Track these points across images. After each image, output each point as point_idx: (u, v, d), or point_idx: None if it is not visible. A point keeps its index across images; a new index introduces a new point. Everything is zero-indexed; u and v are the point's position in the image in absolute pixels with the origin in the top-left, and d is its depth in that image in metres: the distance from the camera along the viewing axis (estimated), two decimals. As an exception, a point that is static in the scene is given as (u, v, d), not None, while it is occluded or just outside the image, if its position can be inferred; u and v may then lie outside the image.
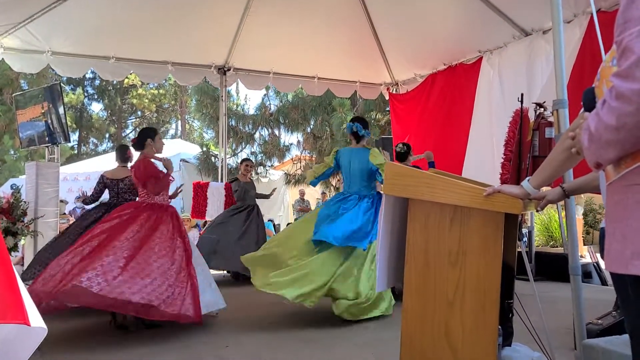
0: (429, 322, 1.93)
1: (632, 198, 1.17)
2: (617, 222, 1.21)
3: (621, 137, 1.12)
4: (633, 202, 1.16)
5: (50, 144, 6.61)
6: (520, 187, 1.80)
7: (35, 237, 5.96)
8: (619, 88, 1.09)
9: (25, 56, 6.57)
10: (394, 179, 2.02)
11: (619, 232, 1.20)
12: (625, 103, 1.08)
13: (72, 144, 23.25)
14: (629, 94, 1.07)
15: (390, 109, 8.86)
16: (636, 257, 1.13)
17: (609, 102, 1.12)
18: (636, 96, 1.06)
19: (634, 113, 1.08)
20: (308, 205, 13.37)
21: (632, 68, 1.06)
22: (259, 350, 3.32)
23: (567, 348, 3.02)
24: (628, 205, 1.17)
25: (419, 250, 1.98)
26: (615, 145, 1.15)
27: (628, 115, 1.09)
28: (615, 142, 1.14)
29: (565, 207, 2.49)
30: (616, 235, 1.20)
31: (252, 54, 7.54)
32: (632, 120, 1.09)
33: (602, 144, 1.17)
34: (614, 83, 1.11)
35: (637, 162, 1.16)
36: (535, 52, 5.74)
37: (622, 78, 1.09)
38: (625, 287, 1.20)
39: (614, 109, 1.11)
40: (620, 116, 1.10)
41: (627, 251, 1.16)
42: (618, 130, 1.12)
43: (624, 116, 1.09)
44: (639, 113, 1.07)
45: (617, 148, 1.15)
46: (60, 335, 3.72)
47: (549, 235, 10.63)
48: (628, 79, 1.07)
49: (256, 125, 14.54)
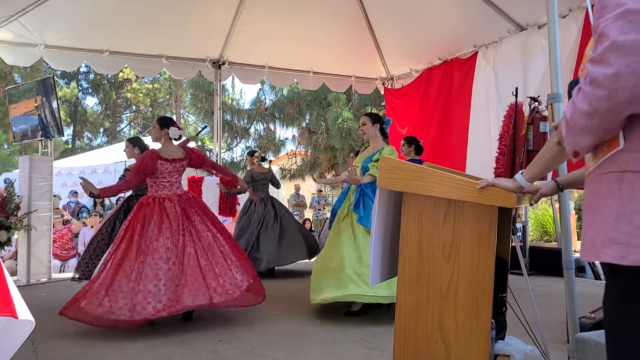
0: (423, 316, 1.94)
1: (605, 186, 1.16)
2: (591, 211, 1.21)
3: (595, 123, 1.12)
4: (606, 190, 1.15)
5: (44, 138, 6.57)
6: (514, 180, 1.80)
7: (28, 232, 5.94)
8: (592, 73, 1.08)
9: (18, 49, 6.51)
10: (388, 172, 2.01)
11: (592, 220, 1.19)
12: (597, 88, 1.07)
13: (66, 138, 23.17)
14: (602, 79, 1.06)
15: (385, 104, 8.85)
16: (606, 244, 1.13)
17: (583, 88, 1.12)
18: (608, 81, 1.05)
19: (605, 98, 1.07)
20: (303, 200, 13.37)
21: (606, 53, 1.05)
22: (253, 345, 3.32)
23: (560, 342, 3.04)
24: (601, 194, 1.17)
25: (413, 244, 1.97)
26: (589, 132, 1.14)
27: (600, 100, 1.08)
28: (589, 128, 1.13)
29: (559, 200, 2.49)
30: (590, 224, 1.20)
31: (247, 48, 7.50)
32: (604, 105, 1.08)
33: (577, 131, 1.17)
34: (588, 69, 1.10)
35: (612, 149, 1.15)
36: (531, 47, 5.74)
37: (596, 63, 1.08)
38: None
39: (587, 95, 1.10)
40: (593, 101, 1.09)
41: (598, 239, 1.16)
42: (591, 116, 1.11)
43: (596, 101, 1.09)
44: (611, 98, 1.06)
45: (591, 135, 1.15)
46: (53, 329, 3.71)
47: (543, 230, 10.67)
48: (601, 64, 1.06)
49: (251, 120, 14.52)
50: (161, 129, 4.05)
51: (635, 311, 1.11)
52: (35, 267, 6.05)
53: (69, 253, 7.94)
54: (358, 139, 12.00)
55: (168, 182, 4.00)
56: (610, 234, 1.12)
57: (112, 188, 4.25)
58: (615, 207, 1.12)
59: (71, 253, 7.96)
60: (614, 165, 1.14)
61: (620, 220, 1.11)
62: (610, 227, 1.13)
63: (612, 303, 1.19)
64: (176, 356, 3.10)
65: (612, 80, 1.05)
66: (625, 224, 1.10)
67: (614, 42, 1.04)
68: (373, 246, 2.09)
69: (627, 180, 1.11)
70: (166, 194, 3.97)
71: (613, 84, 1.05)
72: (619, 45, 1.04)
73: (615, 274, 1.15)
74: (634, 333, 1.11)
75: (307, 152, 14.82)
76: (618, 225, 1.11)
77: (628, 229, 1.09)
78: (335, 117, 12.04)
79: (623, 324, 1.14)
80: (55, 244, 7.26)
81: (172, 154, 4.03)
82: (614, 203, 1.13)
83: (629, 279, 1.12)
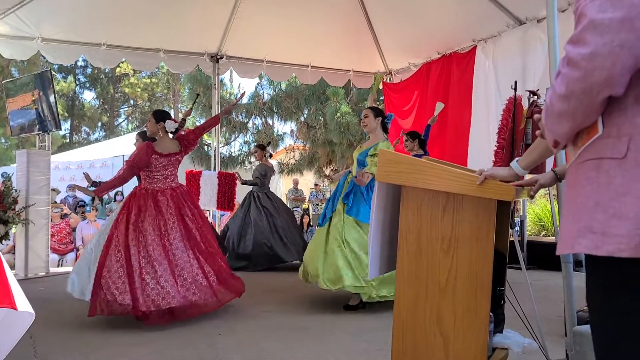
0: (421, 309, 1.94)
1: (582, 174, 1.11)
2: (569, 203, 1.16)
3: (571, 106, 1.07)
4: (583, 179, 1.10)
5: (41, 132, 6.55)
6: (510, 168, 1.80)
7: (26, 226, 5.93)
8: (569, 53, 1.05)
9: (15, 43, 6.48)
10: (387, 166, 2.01)
11: (568, 212, 1.14)
12: (574, 68, 1.03)
13: (64, 132, 23.10)
14: (578, 59, 1.02)
15: (384, 98, 8.84)
16: (581, 234, 1.07)
17: (561, 70, 1.08)
18: (584, 61, 1.01)
19: (581, 79, 1.03)
20: (302, 194, 13.36)
21: (583, 32, 1.02)
22: (251, 338, 3.33)
23: (557, 335, 3.05)
24: (579, 182, 1.12)
25: (412, 237, 1.97)
26: (566, 117, 1.10)
27: (576, 81, 1.04)
28: (566, 112, 1.09)
29: (557, 192, 2.49)
30: (567, 215, 1.15)
31: (245, 42, 7.47)
32: (580, 86, 1.04)
33: (555, 117, 1.13)
34: (566, 49, 1.06)
35: (591, 137, 1.10)
36: (530, 41, 5.72)
37: (573, 43, 1.04)
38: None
39: (564, 76, 1.06)
40: (569, 83, 1.05)
41: (574, 229, 1.10)
42: (568, 99, 1.07)
43: (572, 82, 1.05)
44: (586, 78, 1.02)
45: (569, 120, 1.10)
46: (51, 322, 3.71)
47: (540, 225, 10.70)
48: (578, 44, 1.03)
49: (249, 114, 14.50)
50: (157, 123, 4.04)
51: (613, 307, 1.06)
52: (33, 261, 6.04)
53: (67, 247, 7.94)
54: (356, 133, 11.99)
55: (162, 175, 3.99)
56: (586, 223, 1.07)
57: (106, 185, 4.22)
58: (592, 195, 1.07)
59: (69, 247, 7.96)
60: (592, 152, 1.10)
61: (596, 208, 1.05)
62: (586, 216, 1.07)
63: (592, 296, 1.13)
64: (173, 348, 3.10)
65: (589, 60, 1.01)
66: (601, 212, 1.04)
67: (591, 21, 1.01)
68: (372, 240, 2.09)
69: (605, 167, 1.06)
70: (159, 187, 3.95)
71: (589, 64, 1.01)
72: (596, 23, 1.00)
73: (592, 265, 1.09)
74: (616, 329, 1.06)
75: (305, 147, 14.81)
76: (594, 213, 1.05)
77: (604, 217, 1.04)
78: (333, 112, 12.03)
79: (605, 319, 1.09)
80: (53, 238, 7.26)
81: (168, 148, 4.02)
82: (590, 191, 1.08)
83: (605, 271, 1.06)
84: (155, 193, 3.91)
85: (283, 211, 6.62)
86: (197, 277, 3.74)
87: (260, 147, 6.88)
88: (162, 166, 3.96)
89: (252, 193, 6.68)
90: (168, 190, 3.96)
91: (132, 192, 4.01)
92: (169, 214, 3.84)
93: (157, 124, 4.03)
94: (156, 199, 3.88)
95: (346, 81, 8.87)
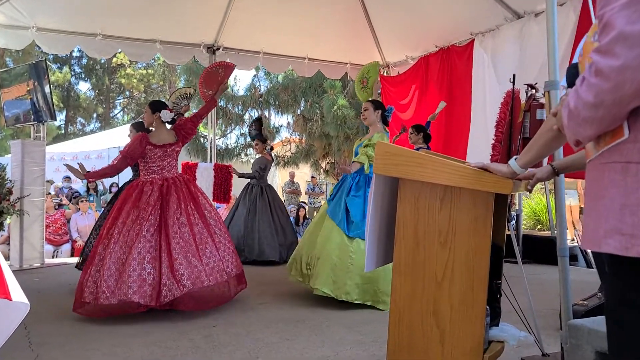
0: (418, 302, 1.94)
1: (607, 177, 1.15)
2: (592, 201, 1.20)
3: (599, 115, 1.10)
4: (608, 180, 1.14)
5: (36, 122, 6.50)
6: (508, 166, 1.80)
7: (21, 216, 5.90)
8: (598, 64, 1.06)
9: (10, 32, 6.41)
10: (384, 158, 2.00)
11: (593, 210, 1.18)
12: (603, 80, 1.05)
13: (59, 123, 22.98)
14: (608, 71, 1.04)
15: (381, 92, 8.82)
16: (609, 235, 1.12)
17: (588, 79, 1.10)
18: (614, 73, 1.03)
19: (611, 90, 1.05)
20: (298, 187, 13.36)
21: (612, 44, 1.03)
22: (247, 330, 3.33)
23: (552, 328, 3.07)
24: (603, 184, 1.15)
25: (409, 230, 1.97)
26: (592, 123, 1.13)
27: (606, 92, 1.06)
28: (593, 119, 1.12)
29: (554, 186, 2.49)
30: (591, 213, 1.19)
31: (242, 34, 7.43)
32: (610, 97, 1.06)
33: (580, 122, 1.15)
34: (593, 59, 1.08)
35: (615, 139, 1.14)
36: (527, 35, 5.71)
37: (602, 54, 1.06)
38: (602, 264, 1.20)
39: (592, 86, 1.08)
40: (599, 93, 1.07)
41: (600, 230, 1.14)
42: (596, 108, 1.10)
43: (602, 93, 1.07)
44: (616, 90, 1.04)
45: (594, 126, 1.13)
46: (45, 313, 3.70)
47: (536, 219, 10.74)
48: (607, 55, 1.04)
49: (246, 107, 14.44)
50: (153, 113, 4.01)
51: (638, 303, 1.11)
52: (28, 252, 6.02)
53: (62, 238, 7.91)
54: (353, 126, 11.97)
55: (158, 166, 3.95)
56: (614, 225, 1.11)
57: (98, 172, 4.22)
58: (618, 198, 1.11)
59: (64, 238, 7.93)
60: (618, 155, 1.13)
61: (624, 211, 1.10)
62: (613, 218, 1.12)
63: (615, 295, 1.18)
64: (170, 340, 3.10)
65: (619, 72, 1.03)
66: (629, 215, 1.09)
67: (620, 33, 1.02)
68: (368, 232, 2.09)
69: (632, 171, 1.10)
70: (154, 177, 3.92)
71: (619, 76, 1.03)
72: (626, 35, 1.01)
73: (618, 265, 1.14)
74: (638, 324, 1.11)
75: (301, 140, 14.78)
76: (622, 216, 1.10)
77: (632, 220, 1.08)
78: (330, 105, 12.00)
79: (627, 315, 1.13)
80: (48, 229, 7.23)
81: (163, 139, 3.99)
82: (617, 194, 1.12)
83: (633, 271, 1.11)
84: (143, 185, 3.89)
85: (277, 208, 6.55)
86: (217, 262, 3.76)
87: (261, 140, 6.79)
88: (157, 157, 3.93)
89: (249, 186, 6.63)
90: (158, 180, 3.91)
91: (129, 186, 3.99)
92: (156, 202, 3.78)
93: (153, 115, 4.00)
94: (142, 190, 3.85)
95: (343, 74, 8.84)
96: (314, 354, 2.82)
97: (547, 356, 2.57)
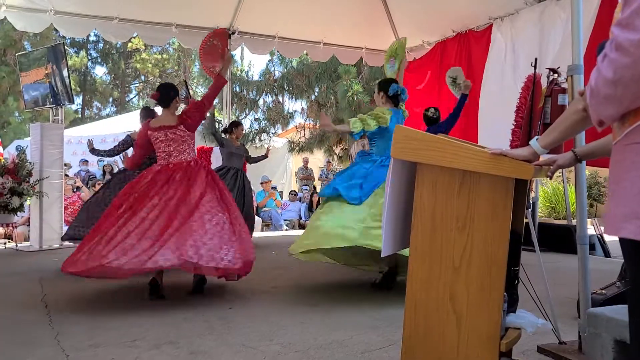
0: (434, 287, 1.93)
1: (629, 158, 1.10)
2: (614, 184, 1.16)
3: (619, 92, 1.05)
4: (629, 162, 1.09)
5: (55, 106, 6.57)
6: (529, 147, 1.76)
7: (40, 198, 5.99)
8: (618, 38, 1.01)
9: (28, 15, 6.46)
10: (402, 142, 1.98)
11: (615, 194, 1.15)
12: (623, 54, 1.00)
13: (76, 107, 23.20)
14: (627, 45, 0.99)
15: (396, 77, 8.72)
16: (627, 219, 1.07)
17: (608, 55, 1.05)
18: (634, 47, 0.97)
19: (631, 65, 0.99)
20: (311, 173, 13.36)
21: (633, 16, 0.98)
22: (262, 313, 3.36)
23: (569, 317, 3.04)
24: (625, 166, 1.11)
25: (427, 215, 1.95)
26: (613, 101, 1.08)
27: (625, 67, 1.00)
28: (613, 97, 1.07)
29: (575, 173, 2.45)
30: (613, 197, 1.15)
31: (258, 17, 7.40)
32: (629, 73, 1.00)
33: (601, 100, 1.10)
34: (614, 33, 1.03)
35: (638, 119, 1.08)
36: (549, 20, 5.60)
37: (622, 27, 1.01)
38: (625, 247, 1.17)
39: (612, 61, 1.03)
40: (618, 69, 1.02)
41: (619, 214, 1.11)
42: (615, 85, 1.04)
43: (620, 69, 1.01)
44: (636, 66, 0.99)
45: (615, 104, 1.08)
46: (64, 292, 3.77)
47: (551, 207, 10.64)
48: (627, 28, 0.99)
49: (260, 92, 14.42)
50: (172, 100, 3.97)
51: None
52: (47, 233, 6.13)
53: (80, 220, 8.01)
54: (368, 112, 11.89)
55: (165, 152, 3.77)
56: (632, 209, 1.07)
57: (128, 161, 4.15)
58: (637, 181, 1.07)
59: (81, 220, 8.03)
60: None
61: None
62: (632, 202, 1.07)
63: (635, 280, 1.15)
64: (186, 321, 3.14)
65: (638, 46, 0.97)
66: None
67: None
68: (386, 217, 2.08)
69: None
70: (161, 164, 3.78)
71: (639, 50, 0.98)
72: None
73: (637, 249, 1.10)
74: None
75: (315, 125, 14.74)
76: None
77: None
78: (345, 90, 11.90)
79: None
80: (66, 211, 7.33)
81: (161, 121, 3.82)
82: (636, 176, 1.07)
83: None
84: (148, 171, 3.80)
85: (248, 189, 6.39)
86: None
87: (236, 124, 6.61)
88: (159, 142, 3.77)
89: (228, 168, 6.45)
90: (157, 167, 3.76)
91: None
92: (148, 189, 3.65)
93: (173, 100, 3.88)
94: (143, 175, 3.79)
95: (358, 59, 8.77)
96: (327, 337, 2.84)
97: (564, 344, 2.55)
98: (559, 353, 2.47)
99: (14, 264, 5.24)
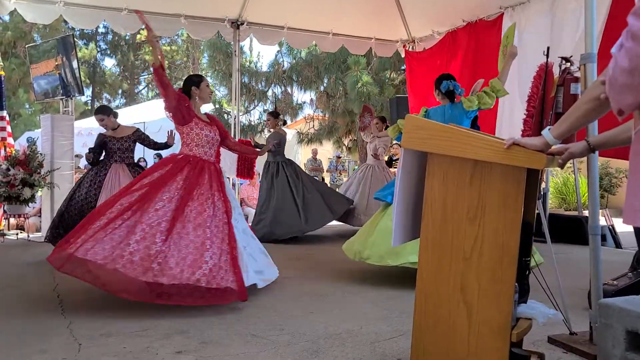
0: (445, 277, 1.93)
1: None
2: (633, 174, 1.15)
3: (635, 81, 1.03)
4: None
5: (65, 97, 6.61)
6: (541, 137, 1.74)
7: (51, 189, 6.04)
8: (632, 27, 0.99)
9: (38, 6, 6.48)
10: (413, 132, 1.97)
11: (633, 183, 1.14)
12: (637, 43, 0.98)
13: (85, 99, 23.33)
14: None
15: (406, 67, 8.67)
16: None
17: (624, 44, 1.03)
18: None
19: None
20: (320, 164, 13.36)
21: None
22: (273, 303, 3.37)
23: (580, 307, 3.03)
24: None
25: (438, 205, 1.95)
26: (631, 89, 1.06)
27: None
28: (630, 85, 1.05)
29: (587, 163, 2.42)
30: (631, 187, 1.15)
31: (266, 8, 7.35)
32: None
33: (618, 89, 1.09)
34: (629, 22, 1.01)
35: None
36: (561, 9, 5.51)
37: (637, 16, 0.99)
38: None
39: (628, 50, 1.01)
40: (633, 57, 1.00)
41: (636, 203, 1.10)
42: (632, 73, 1.02)
43: (636, 57, 0.99)
44: None
45: (633, 92, 1.06)
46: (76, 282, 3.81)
47: (561, 198, 10.56)
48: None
49: (269, 83, 14.41)
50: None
51: None
52: (58, 224, 6.17)
53: (90, 212, 8.07)
54: (377, 103, 11.84)
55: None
56: None
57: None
58: None
59: (92, 212, 8.10)
60: None
61: None
62: None
63: None
64: (195, 310, 3.15)
65: None
66: None
67: None
68: (396, 207, 2.07)
69: None
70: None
71: None
72: None
73: None
74: None
75: (324, 117, 14.71)
76: None
77: None
78: (354, 81, 11.86)
79: None
80: (77, 203, 7.39)
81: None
82: None
83: None
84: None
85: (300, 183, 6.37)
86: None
87: (273, 114, 6.62)
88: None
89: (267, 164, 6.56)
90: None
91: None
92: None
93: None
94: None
95: (367, 49, 8.71)
96: (337, 327, 2.85)
97: (575, 335, 2.54)
98: (569, 344, 2.46)
99: (26, 255, 5.30)
